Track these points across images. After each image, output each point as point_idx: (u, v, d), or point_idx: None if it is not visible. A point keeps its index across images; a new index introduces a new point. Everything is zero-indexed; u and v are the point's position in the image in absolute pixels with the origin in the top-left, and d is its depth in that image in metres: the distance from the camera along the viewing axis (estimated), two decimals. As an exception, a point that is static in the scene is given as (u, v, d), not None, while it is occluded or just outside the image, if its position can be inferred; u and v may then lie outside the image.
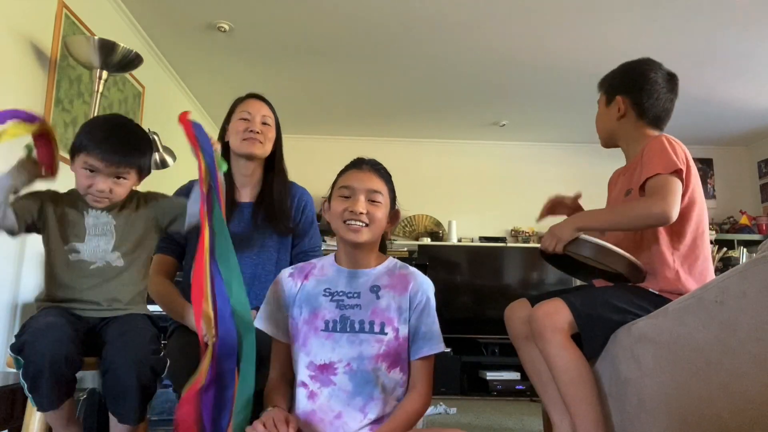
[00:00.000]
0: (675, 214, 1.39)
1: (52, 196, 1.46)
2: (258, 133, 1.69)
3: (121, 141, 1.42)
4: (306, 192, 1.84)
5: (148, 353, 1.29)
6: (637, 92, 1.61)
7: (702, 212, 1.52)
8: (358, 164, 1.33)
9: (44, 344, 1.20)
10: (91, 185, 1.39)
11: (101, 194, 1.40)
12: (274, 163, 1.78)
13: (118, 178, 1.41)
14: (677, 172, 1.43)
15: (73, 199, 1.46)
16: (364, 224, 1.27)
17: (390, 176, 1.37)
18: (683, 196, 1.46)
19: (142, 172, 1.50)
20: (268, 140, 1.73)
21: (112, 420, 1.32)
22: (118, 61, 2.43)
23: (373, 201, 1.29)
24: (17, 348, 1.22)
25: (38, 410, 1.28)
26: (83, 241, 1.42)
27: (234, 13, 3.13)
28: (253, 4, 3.02)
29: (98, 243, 1.43)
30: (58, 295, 1.41)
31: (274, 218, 1.71)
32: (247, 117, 1.71)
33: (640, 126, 1.63)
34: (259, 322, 1.32)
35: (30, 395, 1.24)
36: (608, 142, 1.72)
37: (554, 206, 1.80)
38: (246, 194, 1.76)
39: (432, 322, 1.31)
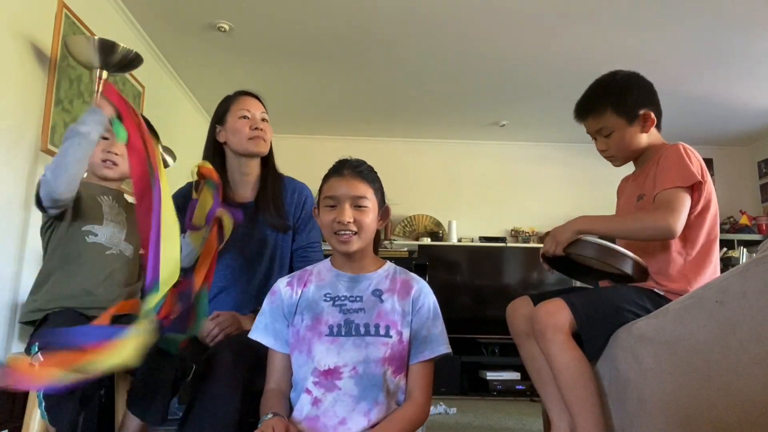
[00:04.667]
0: (680, 230, 1.39)
1: None
2: (261, 130, 1.69)
3: None
4: (305, 187, 1.83)
5: (177, 356, 1.30)
6: (656, 103, 1.60)
7: (715, 219, 1.51)
8: (340, 170, 1.32)
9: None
10: (103, 150, 1.53)
11: (114, 158, 1.53)
12: (268, 161, 1.78)
13: None
14: (693, 186, 1.43)
15: (89, 187, 1.54)
16: (352, 233, 1.26)
17: (375, 174, 1.36)
18: (697, 204, 1.46)
19: None
20: (268, 138, 1.73)
21: (131, 418, 1.32)
22: (118, 61, 2.42)
23: (359, 207, 1.28)
24: None
25: (51, 424, 1.27)
26: (101, 224, 1.50)
27: (234, 13, 3.13)
28: (253, 4, 3.02)
29: (114, 230, 1.51)
30: (69, 289, 1.41)
31: (273, 216, 1.71)
32: (248, 115, 1.70)
33: (655, 134, 1.61)
34: (256, 333, 1.31)
35: (48, 415, 1.22)
36: (630, 158, 1.63)
37: None
38: (245, 194, 1.75)
39: (434, 326, 1.30)
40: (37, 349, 1.24)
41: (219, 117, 1.74)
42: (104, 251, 1.47)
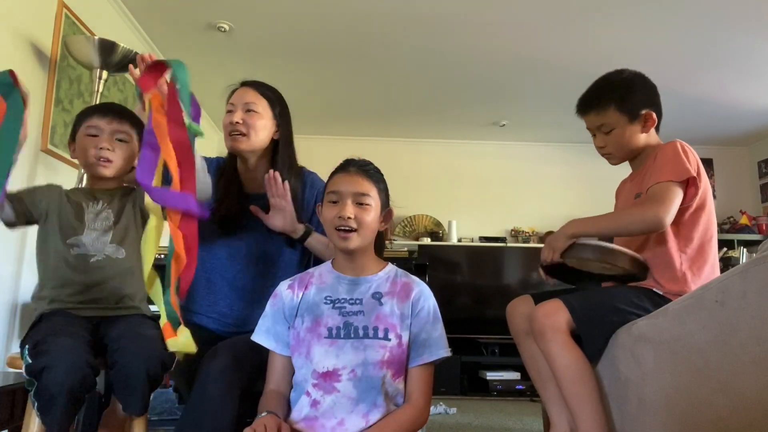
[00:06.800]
0: (668, 221, 1.39)
1: (59, 191, 1.51)
2: (238, 123, 1.55)
3: (118, 105, 1.60)
4: (317, 178, 1.72)
5: (159, 347, 1.30)
6: (658, 105, 1.61)
7: (710, 218, 1.51)
8: (346, 167, 1.32)
9: (62, 372, 1.17)
10: (95, 147, 1.47)
11: (106, 154, 1.47)
12: (274, 155, 1.66)
13: (120, 141, 1.50)
14: (686, 181, 1.43)
15: (77, 195, 1.51)
16: (352, 229, 1.26)
17: (381, 175, 1.35)
18: (692, 200, 1.46)
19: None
20: (254, 129, 1.57)
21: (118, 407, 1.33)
22: (118, 61, 2.43)
23: (361, 204, 1.28)
24: (34, 372, 1.18)
25: (43, 424, 1.26)
26: (83, 233, 1.45)
27: (234, 13, 3.13)
28: (253, 4, 3.02)
29: (97, 236, 1.46)
30: (60, 294, 1.41)
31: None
32: (231, 109, 1.60)
33: (653, 135, 1.62)
34: (258, 336, 1.32)
35: (40, 415, 1.21)
36: (627, 157, 1.64)
37: None
38: (254, 186, 1.66)
39: (433, 329, 1.29)
40: (27, 350, 1.24)
41: None
42: (88, 260, 1.43)
